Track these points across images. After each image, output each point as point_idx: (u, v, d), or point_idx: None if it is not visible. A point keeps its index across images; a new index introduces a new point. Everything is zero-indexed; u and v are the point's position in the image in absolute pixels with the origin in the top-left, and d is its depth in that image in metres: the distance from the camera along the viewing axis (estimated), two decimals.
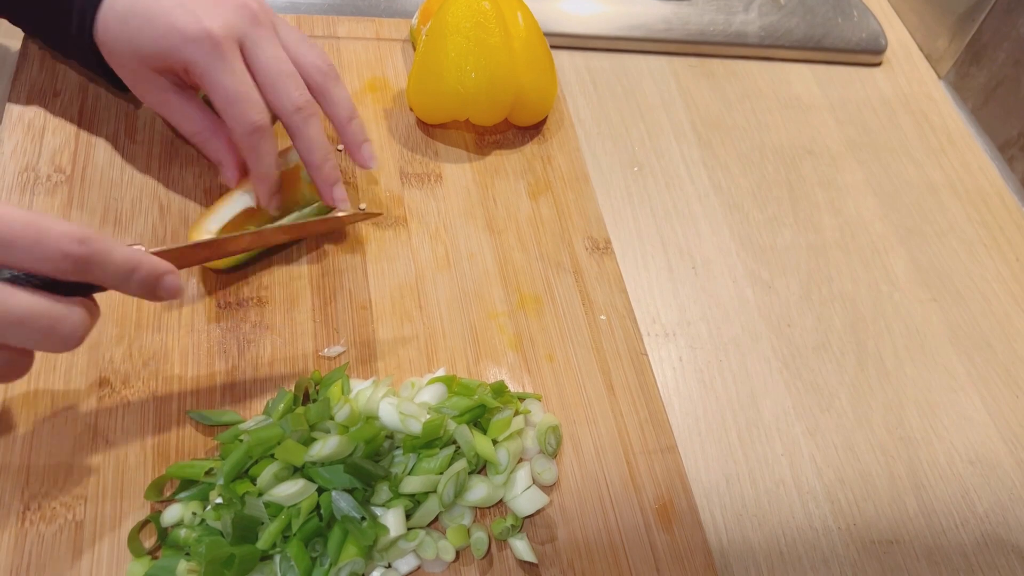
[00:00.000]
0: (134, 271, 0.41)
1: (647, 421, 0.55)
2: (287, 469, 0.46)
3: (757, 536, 0.53)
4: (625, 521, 0.51)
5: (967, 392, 0.62)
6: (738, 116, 0.78)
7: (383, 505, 0.47)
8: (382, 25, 0.76)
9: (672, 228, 0.68)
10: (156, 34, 0.51)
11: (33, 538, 0.45)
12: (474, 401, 0.51)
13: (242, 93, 0.52)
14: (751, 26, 0.83)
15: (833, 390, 0.60)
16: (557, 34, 0.79)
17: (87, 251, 0.38)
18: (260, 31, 0.53)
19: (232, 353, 0.53)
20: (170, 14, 0.51)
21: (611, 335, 0.59)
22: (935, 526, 0.55)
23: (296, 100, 0.54)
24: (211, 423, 0.50)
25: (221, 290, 0.56)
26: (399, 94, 0.71)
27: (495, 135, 0.70)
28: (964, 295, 0.67)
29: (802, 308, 0.64)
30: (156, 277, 0.42)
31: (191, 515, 0.45)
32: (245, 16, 0.53)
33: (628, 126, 0.75)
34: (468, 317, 0.58)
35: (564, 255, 0.63)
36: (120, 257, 0.40)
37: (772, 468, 0.56)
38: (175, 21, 0.51)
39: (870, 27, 0.86)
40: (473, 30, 0.63)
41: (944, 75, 0.86)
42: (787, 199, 0.72)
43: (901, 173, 0.76)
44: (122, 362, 0.52)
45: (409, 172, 0.66)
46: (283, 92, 0.54)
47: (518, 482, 0.50)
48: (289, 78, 0.54)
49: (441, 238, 0.62)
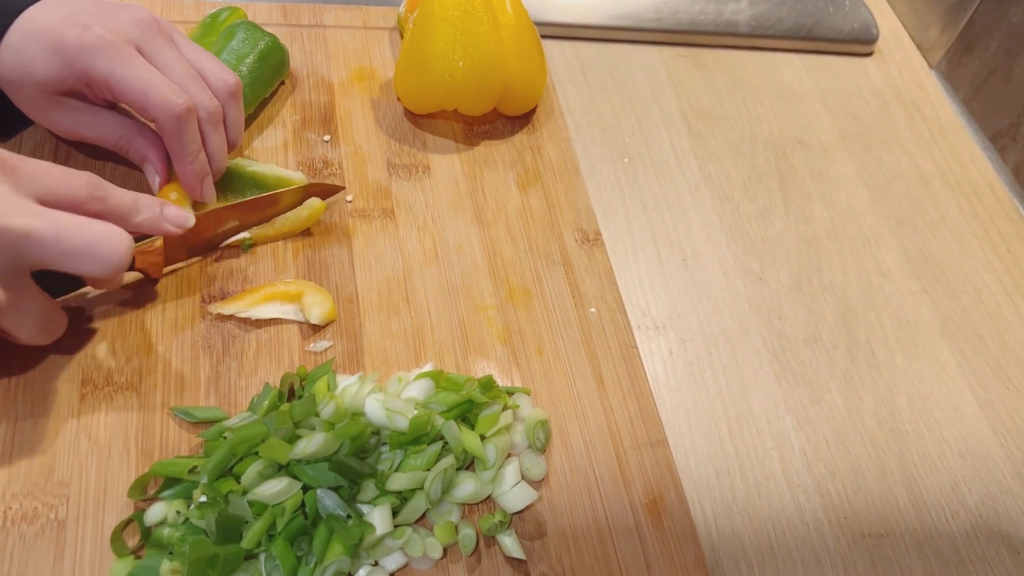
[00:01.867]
0: (139, 198, 0.48)
1: (637, 415, 0.55)
2: (272, 467, 0.45)
3: (747, 529, 0.52)
4: (615, 516, 0.51)
5: (958, 384, 0.61)
6: (729, 107, 0.77)
7: (369, 503, 0.46)
8: (369, 13, 0.75)
9: (662, 220, 0.67)
10: (50, 54, 0.50)
11: (15, 538, 0.44)
12: (462, 396, 0.50)
13: (156, 81, 0.51)
14: (742, 15, 0.82)
15: (824, 382, 0.60)
16: (547, 23, 0.78)
17: (99, 182, 0.46)
18: (157, 39, 0.53)
19: (217, 348, 0.53)
20: (58, 30, 0.50)
21: (601, 328, 0.58)
22: (925, 519, 0.55)
23: (207, 105, 0.54)
24: (195, 420, 0.49)
25: (206, 285, 0.55)
26: (386, 84, 0.70)
27: (484, 125, 0.69)
28: (955, 286, 0.67)
29: (792, 300, 0.64)
30: (160, 204, 0.49)
31: (175, 514, 0.44)
32: (139, 24, 0.52)
33: (618, 116, 0.74)
34: (456, 310, 0.57)
35: (554, 247, 0.62)
36: (124, 191, 0.48)
37: (762, 461, 0.55)
38: (64, 36, 0.50)
39: (861, 16, 0.85)
40: (461, 18, 0.62)
41: (936, 65, 0.86)
42: (778, 190, 0.71)
43: (892, 164, 0.76)
44: (105, 358, 0.51)
45: (396, 163, 0.65)
46: (194, 95, 0.53)
47: (506, 478, 0.50)
48: (195, 81, 0.54)
49: (429, 230, 0.61)
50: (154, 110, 0.51)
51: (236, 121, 0.58)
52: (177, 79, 0.53)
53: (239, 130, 0.58)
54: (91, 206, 0.45)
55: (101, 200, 0.46)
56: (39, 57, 0.50)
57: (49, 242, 0.42)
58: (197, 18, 0.68)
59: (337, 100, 0.68)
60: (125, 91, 0.51)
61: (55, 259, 0.43)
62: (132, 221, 0.48)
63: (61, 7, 0.51)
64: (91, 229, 0.43)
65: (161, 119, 0.52)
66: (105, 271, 0.43)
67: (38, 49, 0.50)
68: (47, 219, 0.42)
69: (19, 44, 0.51)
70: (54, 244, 0.42)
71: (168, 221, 0.50)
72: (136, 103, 0.51)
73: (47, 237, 0.42)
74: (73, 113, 0.54)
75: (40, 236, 0.42)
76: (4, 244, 0.41)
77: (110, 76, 0.50)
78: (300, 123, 0.66)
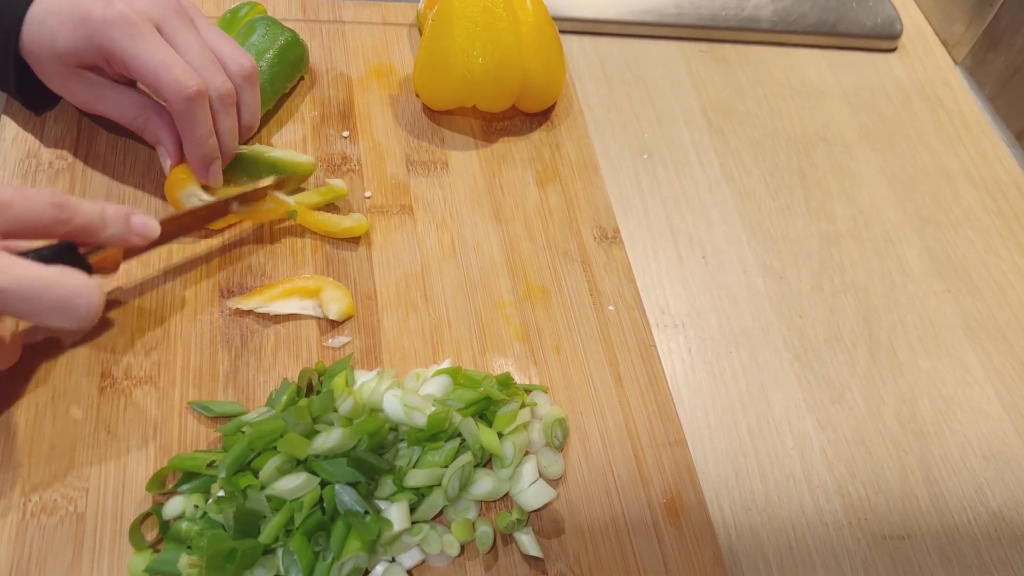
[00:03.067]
0: (104, 211, 0.47)
1: (655, 414, 0.54)
2: (290, 462, 0.45)
3: (766, 530, 0.52)
4: (632, 515, 0.50)
5: (982, 385, 0.60)
6: (750, 102, 0.76)
7: (387, 499, 0.46)
8: (388, 9, 0.75)
9: (682, 217, 0.67)
10: (70, 27, 0.51)
11: (34, 529, 0.44)
12: (480, 393, 0.50)
13: (169, 61, 0.51)
14: (764, 11, 0.82)
15: (845, 382, 0.59)
16: (566, 18, 0.77)
17: (63, 201, 0.44)
18: (177, 19, 0.53)
19: (235, 343, 0.53)
20: (81, 5, 0.51)
21: (619, 326, 0.58)
22: (947, 521, 0.54)
23: (219, 87, 0.54)
24: (213, 415, 0.49)
25: (224, 279, 0.55)
26: (405, 80, 0.70)
27: (502, 122, 0.69)
28: (979, 286, 0.66)
29: (814, 299, 0.63)
30: (124, 216, 0.48)
31: (193, 508, 0.45)
32: (161, 4, 0.52)
33: (638, 112, 0.73)
34: (474, 307, 0.57)
35: (572, 244, 0.62)
36: (88, 204, 0.46)
37: (782, 462, 0.55)
38: (88, 10, 0.50)
39: (885, 12, 0.84)
40: (480, 15, 0.62)
41: (960, 61, 0.84)
42: (799, 187, 0.70)
43: (916, 161, 0.75)
44: (124, 352, 0.51)
45: (415, 160, 0.65)
46: (207, 77, 0.53)
47: (524, 476, 0.49)
48: (211, 64, 0.54)
49: (447, 227, 0.61)
50: (165, 90, 0.51)
51: (251, 105, 0.58)
52: (193, 60, 0.53)
53: (254, 114, 0.58)
54: (57, 229, 0.44)
55: (66, 222, 0.44)
56: (60, 30, 0.51)
57: (21, 302, 0.41)
58: (217, 13, 0.69)
59: (356, 96, 0.68)
60: (139, 69, 0.51)
61: (26, 315, 0.42)
62: (99, 237, 0.47)
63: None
64: (65, 286, 0.41)
65: (172, 100, 0.52)
66: (77, 326, 0.42)
67: (60, 22, 0.51)
68: (20, 276, 0.40)
69: (42, 17, 0.52)
70: (27, 304, 0.41)
71: (135, 233, 0.49)
72: (149, 81, 0.51)
73: (20, 297, 0.40)
74: (93, 88, 0.55)
75: (12, 296, 0.40)
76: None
77: (126, 53, 0.50)
78: (319, 119, 0.66)
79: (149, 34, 0.51)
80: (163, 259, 0.56)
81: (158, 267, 0.55)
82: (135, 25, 0.50)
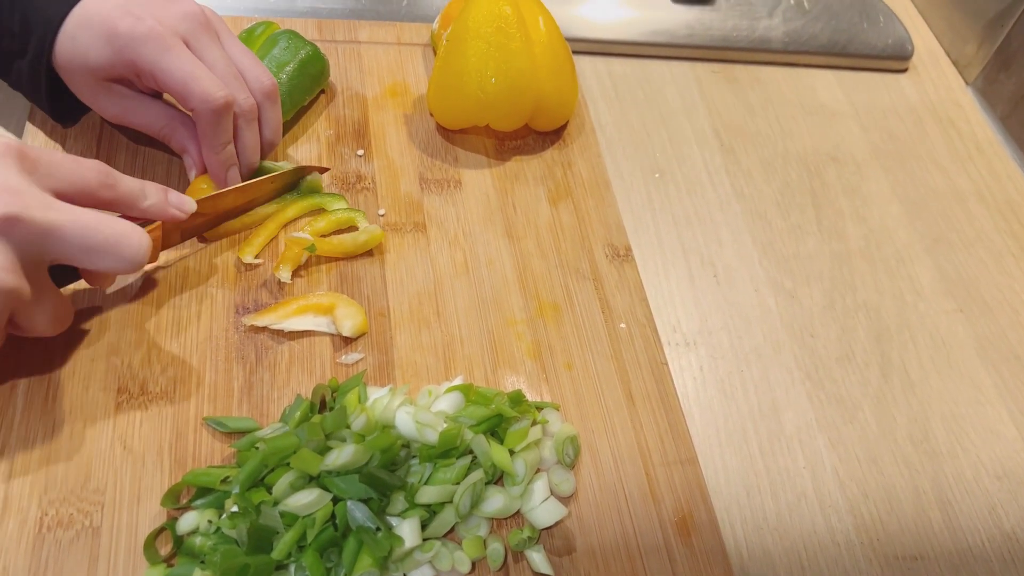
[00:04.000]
0: (144, 185, 0.49)
1: (667, 432, 0.55)
2: (303, 478, 0.46)
3: (778, 550, 0.52)
4: (644, 533, 0.50)
5: (994, 405, 0.60)
6: (761, 122, 0.77)
7: (399, 515, 0.46)
8: (403, 30, 0.75)
9: (694, 235, 0.67)
10: (101, 42, 0.52)
11: (50, 543, 0.45)
12: (491, 410, 0.50)
13: (198, 73, 0.53)
14: (775, 31, 0.82)
15: (857, 402, 0.59)
16: (579, 39, 0.78)
17: (108, 170, 0.47)
18: (204, 35, 0.55)
19: (250, 359, 0.53)
20: (112, 19, 0.52)
21: (631, 344, 0.58)
22: (961, 542, 0.54)
23: (243, 102, 0.55)
24: (228, 430, 0.50)
25: (240, 296, 0.56)
26: (419, 99, 0.71)
27: (515, 141, 0.69)
28: (992, 306, 0.66)
29: (825, 318, 0.63)
30: (163, 190, 0.50)
31: (207, 523, 0.45)
32: (188, 18, 0.54)
33: (650, 132, 0.74)
34: (486, 324, 0.58)
35: (584, 262, 0.62)
36: (130, 178, 0.49)
37: (794, 481, 0.55)
38: (117, 25, 0.52)
39: (896, 33, 0.85)
40: (494, 35, 0.62)
41: (972, 81, 0.85)
42: (811, 207, 0.71)
43: (927, 181, 0.75)
44: (140, 368, 0.52)
45: (428, 178, 0.65)
46: (232, 91, 0.55)
47: (536, 493, 0.50)
48: (236, 79, 0.55)
49: (460, 244, 0.62)
50: (193, 100, 0.53)
51: (273, 121, 0.59)
52: (218, 74, 0.54)
53: (276, 131, 0.60)
54: (102, 193, 0.47)
55: (111, 187, 0.47)
56: (92, 44, 0.53)
57: (74, 238, 0.43)
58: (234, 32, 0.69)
59: (371, 115, 0.69)
60: (169, 81, 0.52)
61: (77, 255, 0.44)
62: (140, 206, 0.49)
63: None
64: (114, 227, 0.44)
65: (199, 109, 0.53)
66: (124, 267, 0.45)
67: (92, 36, 0.53)
68: (71, 215, 0.43)
69: (74, 31, 0.53)
70: (79, 240, 0.43)
71: (173, 206, 0.51)
72: (178, 93, 0.53)
73: (72, 233, 0.43)
74: (122, 100, 0.56)
75: (65, 232, 0.43)
76: (29, 237, 0.42)
77: (156, 66, 0.52)
78: (334, 137, 0.66)
79: (178, 47, 0.53)
80: (179, 275, 0.56)
81: (175, 284, 0.56)
82: (164, 39, 0.52)
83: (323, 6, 0.77)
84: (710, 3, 0.83)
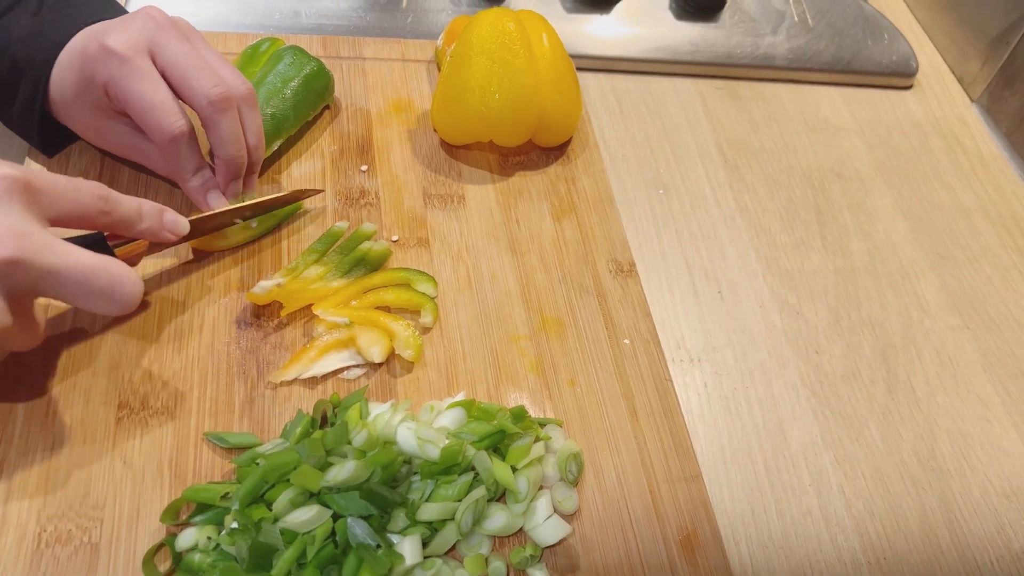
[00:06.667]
0: (141, 206, 0.49)
1: (671, 449, 0.54)
2: (303, 495, 0.45)
3: (783, 569, 0.51)
4: (648, 552, 0.50)
5: (1002, 423, 0.60)
6: (765, 138, 0.77)
7: (399, 532, 0.46)
8: (407, 46, 0.76)
9: (697, 251, 0.67)
10: (75, 69, 0.53)
11: (49, 559, 0.44)
12: (494, 427, 0.50)
13: (156, 101, 0.52)
14: (779, 48, 0.82)
15: (862, 419, 0.59)
16: (583, 56, 0.78)
17: (107, 194, 0.46)
18: (167, 34, 0.53)
19: (251, 374, 0.53)
20: (79, 46, 0.53)
21: (635, 360, 0.58)
22: (969, 562, 0.53)
23: (209, 92, 0.53)
24: (228, 446, 0.49)
25: (241, 310, 0.56)
26: (423, 115, 0.71)
27: (519, 156, 0.69)
28: (998, 322, 0.66)
29: (830, 334, 0.63)
30: (159, 211, 0.50)
31: (206, 540, 0.44)
32: (149, 25, 0.53)
33: (653, 148, 0.74)
34: (489, 340, 0.57)
35: (587, 278, 0.62)
36: (128, 199, 0.48)
37: (799, 498, 0.54)
38: (84, 50, 0.52)
39: (901, 50, 0.85)
40: (498, 51, 0.62)
41: (977, 98, 0.85)
42: (815, 223, 0.70)
43: (932, 197, 0.75)
44: (141, 383, 0.51)
45: (432, 193, 0.65)
46: (195, 83, 0.53)
47: (538, 511, 0.49)
48: (201, 70, 0.54)
49: (463, 259, 0.61)
50: (149, 132, 0.53)
51: (255, 127, 0.58)
52: (179, 71, 0.53)
53: (259, 136, 0.58)
54: (100, 220, 0.47)
55: (108, 214, 0.47)
56: (68, 75, 0.54)
57: (70, 283, 0.42)
58: (238, 50, 0.70)
59: (375, 130, 0.69)
60: (129, 106, 0.52)
61: (71, 298, 0.43)
62: (136, 229, 0.49)
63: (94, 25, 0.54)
64: (110, 272, 0.43)
65: (157, 141, 0.53)
66: (117, 311, 0.44)
67: (67, 67, 0.53)
68: (70, 259, 0.42)
69: (59, 66, 0.54)
70: (75, 285, 0.42)
71: (167, 229, 0.51)
72: (138, 120, 0.53)
73: (69, 278, 0.42)
74: (127, 138, 0.57)
75: (62, 277, 0.42)
76: (27, 280, 0.41)
77: (120, 89, 0.52)
78: (338, 153, 0.66)
79: (141, 68, 0.52)
80: (181, 290, 0.56)
81: (176, 298, 0.56)
82: (127, 60, 0.51)
83: (328, 23, 0.77)
84: (714, 20, 0.83)
